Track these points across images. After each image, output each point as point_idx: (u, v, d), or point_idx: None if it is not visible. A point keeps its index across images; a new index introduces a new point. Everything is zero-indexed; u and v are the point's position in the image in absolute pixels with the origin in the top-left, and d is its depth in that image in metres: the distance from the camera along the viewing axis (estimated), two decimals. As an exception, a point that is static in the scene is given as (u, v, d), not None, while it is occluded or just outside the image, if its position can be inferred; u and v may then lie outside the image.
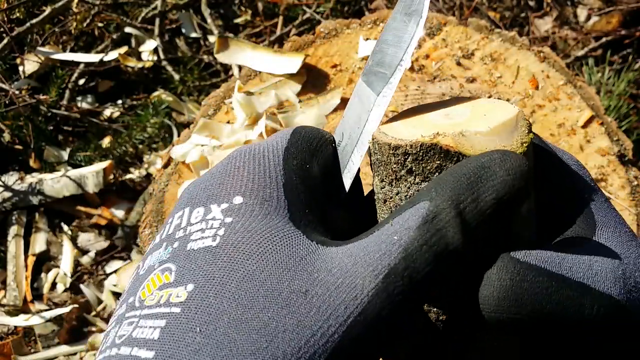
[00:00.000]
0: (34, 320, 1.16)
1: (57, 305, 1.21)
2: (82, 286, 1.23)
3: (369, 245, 0.27)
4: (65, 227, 1.31)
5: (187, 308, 0.26)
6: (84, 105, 1.46)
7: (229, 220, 0.29)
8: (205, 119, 0.87)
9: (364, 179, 0.76)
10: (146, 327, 0.26)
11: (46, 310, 1.19)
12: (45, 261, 1.28)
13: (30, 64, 1.43)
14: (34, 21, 1.31)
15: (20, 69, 1.44)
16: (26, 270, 1.25)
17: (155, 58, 1.48)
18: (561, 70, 0.88)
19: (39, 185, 1.27)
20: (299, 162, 0.32)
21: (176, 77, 1.45)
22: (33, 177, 1.29)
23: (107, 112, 1.45)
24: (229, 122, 0.88)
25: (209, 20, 1.50)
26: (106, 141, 1.38)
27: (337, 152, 0.35)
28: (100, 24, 1.51)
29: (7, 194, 1.27)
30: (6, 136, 1.35)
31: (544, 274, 0.27)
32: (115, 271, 1.26)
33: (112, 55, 1.41)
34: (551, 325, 0.27)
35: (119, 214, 1.31)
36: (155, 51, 1.49)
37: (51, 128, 1.41)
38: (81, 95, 1.49)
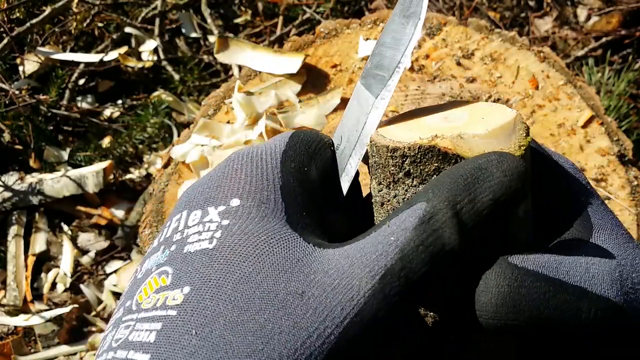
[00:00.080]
0: (34, 320, 1.16)
1: (57, 305, 1.21)
2: (82, 286, 1.23)
3: (366, 246, 0.27)
4: (65, 227, 1.31)
5: (183, 311, 0.26)
6: (84, 105, 1.46)
7: (225, 222, 0.29)
8: (205, 119, 0.87)
9: (363, 179, 0.76)
10: (142, 331, 0.26)
11: (46, 310, 1.19)
12: (45, 261, 1.28)
13: (30, 64, 1.43)
14: (34, 21, 1.31)
15: (20, 69, 1.44)
16: (26, 270, 1.25)
17: (155, 58, 1.48)
18: (561, 70, 0.88)
19: (39, 185, 1.27)
20: (297, 165, 0.32)
21: (176, 77, 1.45)
22: (33, 177, 1.29)
23: (107, 112, 1.45)
24: (229, 122, 0.87)
25: (209, 20, 1.50)
26: (106, 141, 1.38)
27: (336, 156, 0.35)
28: (100, 24, 1.51)
29: (7, 194, 1.27)
30: (6, 136, 1.35)
31: (542, 279, 0.27)
32: (115, 271, 1.26)
33: (112, 55, 1.41)
34: (549, 329, 0.27)
35: (119, 214, 1.31)
36: (155, 51, 1.49)
37: (51, 128, 1.40)
38: (81, 95, 1.49)
